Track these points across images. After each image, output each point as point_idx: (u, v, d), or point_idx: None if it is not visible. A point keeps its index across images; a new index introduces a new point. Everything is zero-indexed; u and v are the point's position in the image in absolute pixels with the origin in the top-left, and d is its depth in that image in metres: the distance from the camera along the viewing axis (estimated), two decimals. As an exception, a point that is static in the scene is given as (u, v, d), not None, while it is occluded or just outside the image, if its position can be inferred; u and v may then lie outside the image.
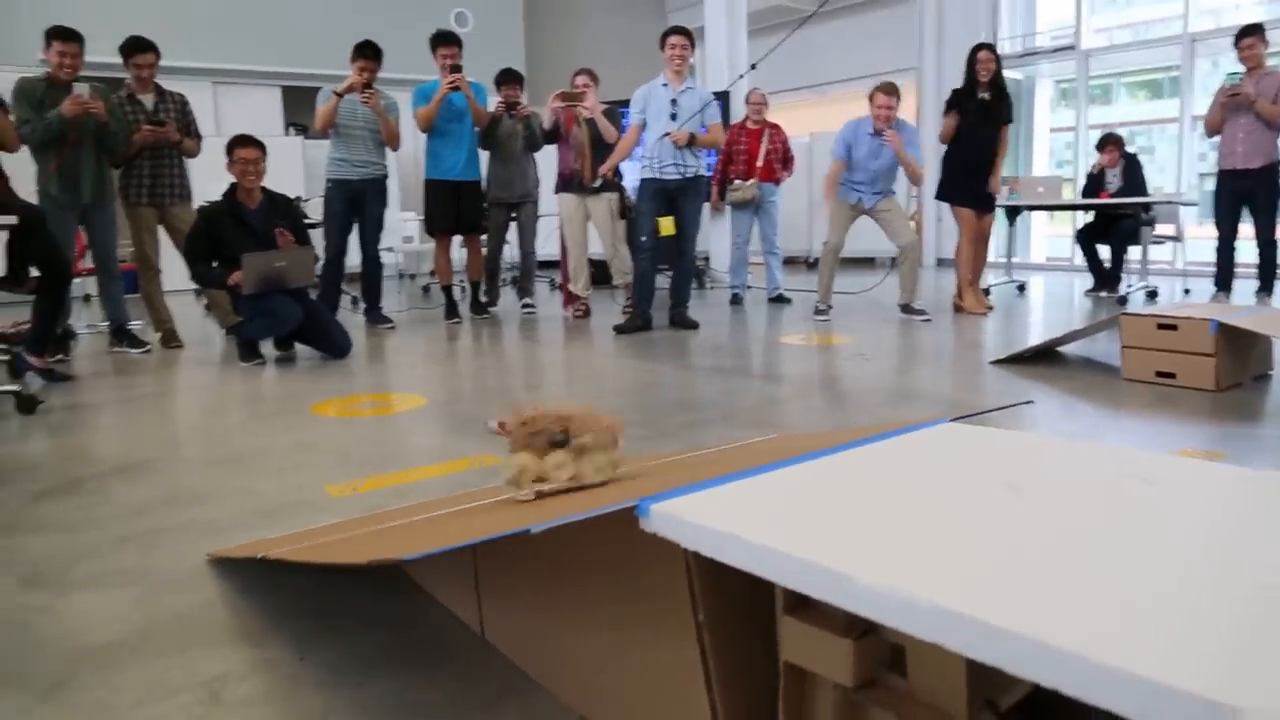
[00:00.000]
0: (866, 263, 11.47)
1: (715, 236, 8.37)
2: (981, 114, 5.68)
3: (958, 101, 5.78)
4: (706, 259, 8.59)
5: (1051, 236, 11.26)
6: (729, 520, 0.88)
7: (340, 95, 5.43)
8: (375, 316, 5.90)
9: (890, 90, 5.57)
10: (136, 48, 4.89)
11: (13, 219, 3.37)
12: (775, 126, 6.96)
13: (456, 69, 5.60)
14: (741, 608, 0.97)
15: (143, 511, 2.12)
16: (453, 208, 5.90)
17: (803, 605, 0.87)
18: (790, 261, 11.79)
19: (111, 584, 1.69)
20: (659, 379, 3.78)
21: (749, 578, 0.87)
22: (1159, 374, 3.51)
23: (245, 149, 4.44)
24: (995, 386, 3.48)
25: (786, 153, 7.05)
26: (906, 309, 5.75)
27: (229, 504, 2.18)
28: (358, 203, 5.64)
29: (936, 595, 0.66)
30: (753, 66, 5.32)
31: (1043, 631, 0.59)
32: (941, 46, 10.87)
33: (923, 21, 10.91)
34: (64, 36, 4.48)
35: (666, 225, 5.17)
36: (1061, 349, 4.31)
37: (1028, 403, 3.19)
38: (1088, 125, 10.15)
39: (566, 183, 6.02)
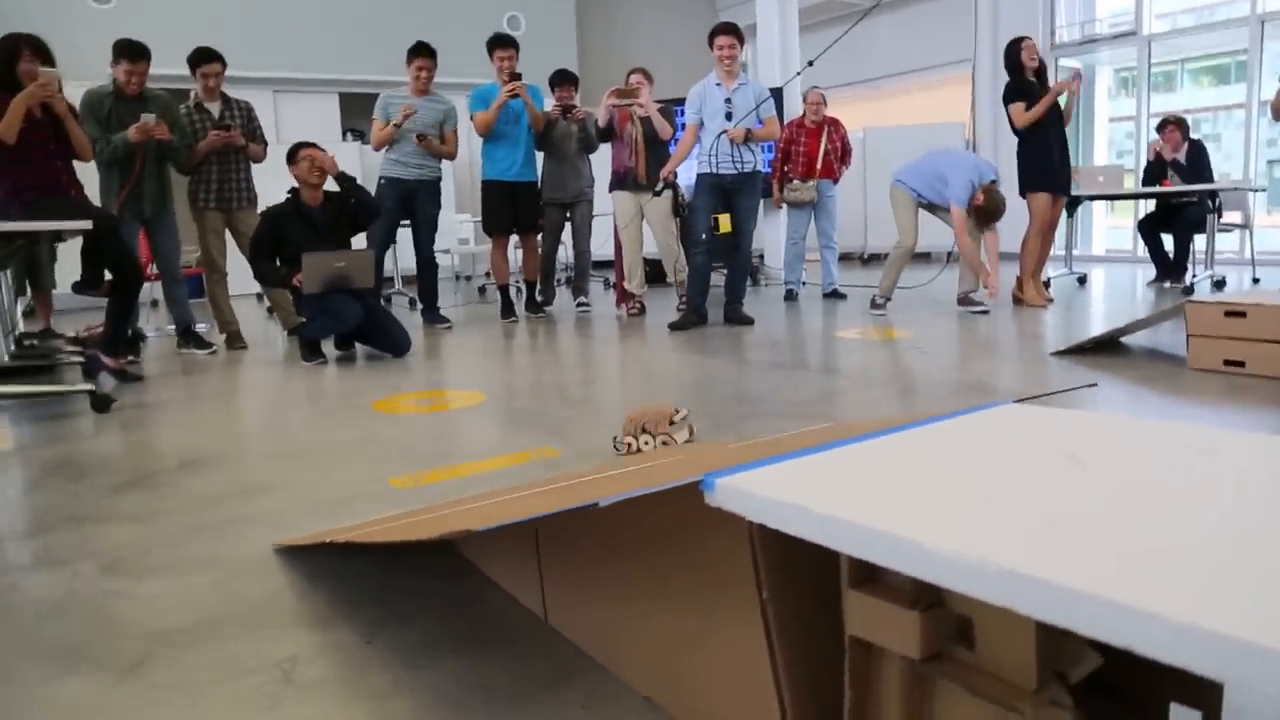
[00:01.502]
0: (922, 258, 11.33)
1: (770, 233, 8.33)
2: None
3: (1024, 89, 5.67)
4: (761, 256, 8.56)
5: (1112, 228, 11.00)
6: (795, 492, 0.88)
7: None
8: (433, 316, 5.98)
9: None
10: (203, 58, 5.03)
11: (87, 224, 3.48)
12: (834, 122, 6.91)
13: (516, 76, 5.66)
14: (806, 583, 0.97)
15: (213, 503, 2.18)
16: (509, 208, 5.96)
17: (868, 579, 0.86)
18: (845, 258, 11.68)
19: (185, 571, 1.74)
20: (715, 373, 3.78)
21: (813, 553, 0.88)
22: (1227, 362, 3.41)
23: (310, 149, 4.57)
24: (1057, 377, 3.41)
25: (845, 147, 7.01)
26: (964, 300, 5.67)
27: (295, 496, 2.23)
28: (409, 203, 5.72)
29: (1007, 559, 0.65)
30: (810, 63, 5.30)
31: (1117, 591, 0.58)
32: (998, 37, 10.64)
33: (977, 12, 10.72)
34: (132, 56, 4.58)
35: (724, 222, 5.15)
36: (1124, 340, 4.22)
37: (1091, 385, 3.13)
38: (1150, 114, 9.90)
39: (621, 180, 6.04)
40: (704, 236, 5.23)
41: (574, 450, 2.58)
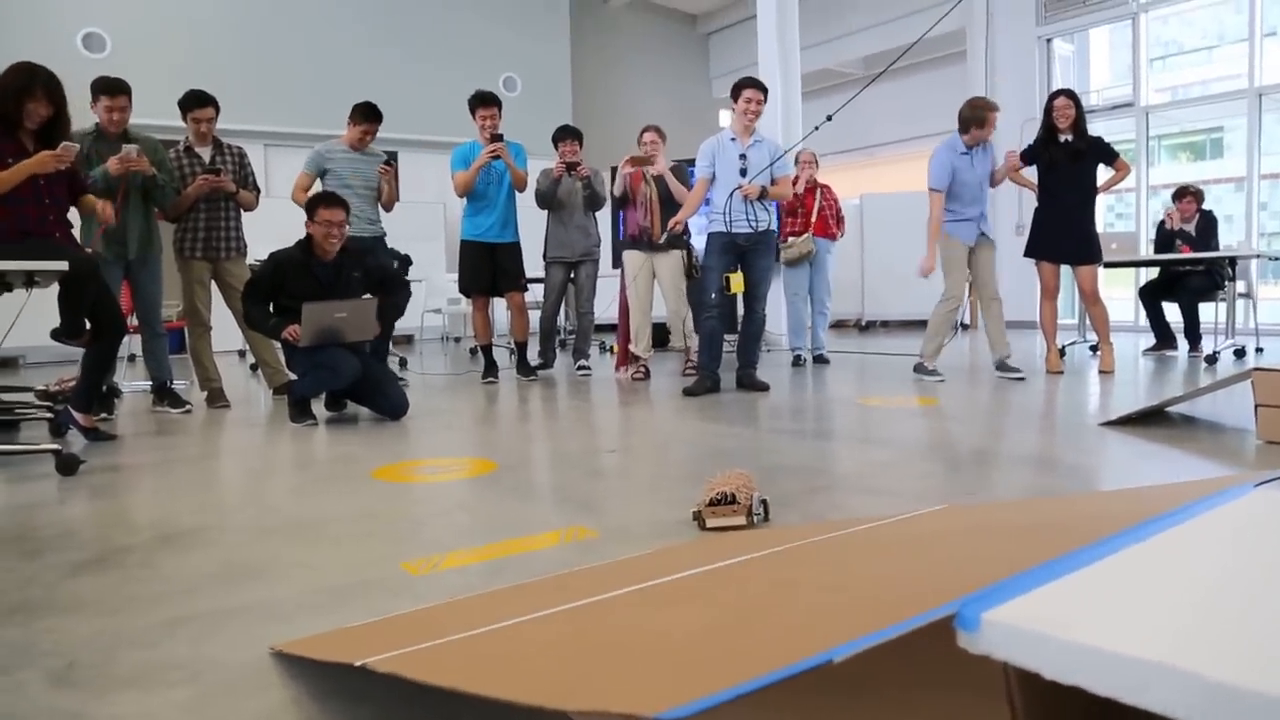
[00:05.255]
0: (918, 325, 11.14)
1: (771, 295, 8.10)
2: (1068, 158, 5.38)
3: (1034, 152, 5.51)
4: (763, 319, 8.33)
5: (1109, 300, 10.87)
6: (1109, 636, 0.58)
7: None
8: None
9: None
10: (196, 102, 4.78)
11: (63, 264, 3.16)
12: (826, 187, 6.84)
13: (498, 137, 5.45)
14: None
15: (193, 589, 1.84)
16: (487, 268, 5.68)
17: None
18: (840, 325, 11.50)
19: (158, 682, 1.39)
20: (746, 443, 3.47)
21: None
22: (1302, 433, 3.16)
23: (331, 210, 4.20)
24: (1117, 450, 3.13)
25: (838, 213, 6.89)
26: (1002, 366, 5.40)
27: (291, 582, 1.89)
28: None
29: None
30: (829, 118, 5.09)
31: None
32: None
33: (972, 82, 10.72)
34: (110, 91, 4.32)
35: (737, 282, 4.89)
36: (1168, 410, 3.96)
37: None
38: (1149, 184, 9.86)
39: (635, 241, 5.85)
40: (714, 297, 4.97)
41: (610, 529, 2.25)
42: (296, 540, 2.21)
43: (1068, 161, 5.37)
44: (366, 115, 5.39)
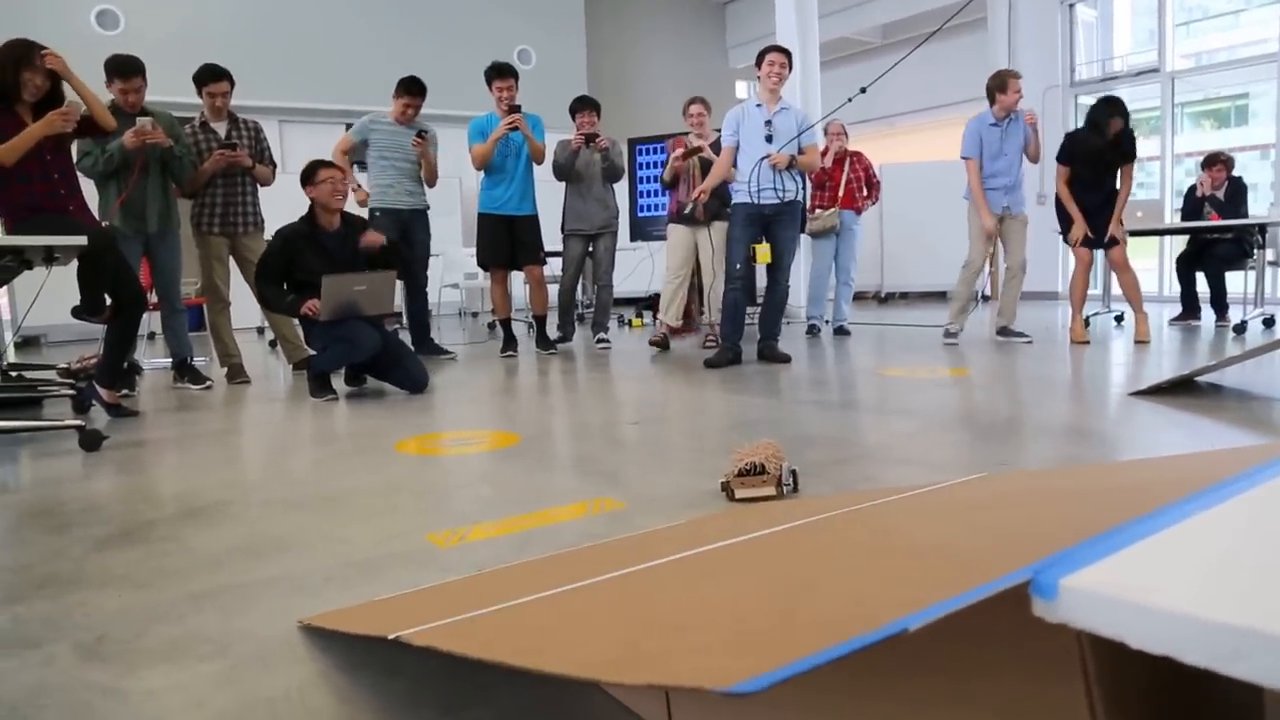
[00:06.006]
0: (938, 297, 11.04)
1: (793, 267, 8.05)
2: (1099, 162, 5.40)
3: (1071, 148, 5.48)
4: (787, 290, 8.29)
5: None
6: (1209, 603, 0.54)
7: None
8: (431, 347, 5.69)
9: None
10: (210, 76, 4.73)
11: (81, 239, 3.15)
12: (856, 154, 6.75)
13: (515, 108, 5.40)
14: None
15: (219, 563, 1.83)
16: (505, 241, 5.65)
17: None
18: (859, 297, 11.42)
19: (188, 655, 1.38)
20: (770, 414, 3.44)
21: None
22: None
23: (328, 169, 4.25)
24: (1147, 419, 3.08)
25: (870, 178, 6.80)
26: (1005, 331, 5.71)
27: (318, 554, 1.87)
28: (406, 233, 5.49)
29: None
30: (862, 90, 5.02)
31: None
32: (1016, 74, 10.49)
33: (993, 49, 10.54)
34: (125, 74, 4.26)
35: (763, 253, 4.84)
36: (1198, 380, 3.89)
37: None
38: (1174, 152, 9.69)
39: (678, 217, 5.87)
40: (739, 268, 4.92)
41: (637, 500, 2.23)
42: (321, 513, 2.19)
43: (1097, 163, 5.41)
44: (409, 89, 5.44)
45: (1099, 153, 5.37)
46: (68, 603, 1.62)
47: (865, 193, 6.76)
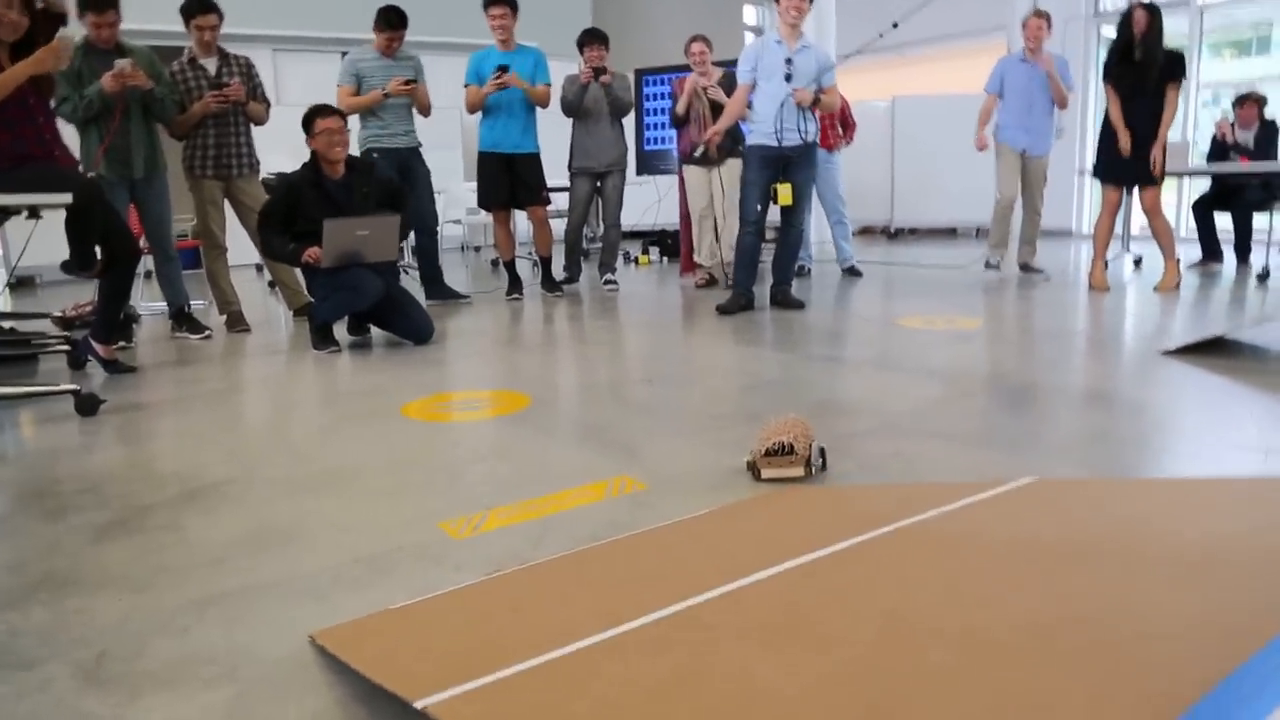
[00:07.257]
0: (948, 234, 10.85)
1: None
2: (1136, 77, 5.09)
3: (1111, 70, 5.21)
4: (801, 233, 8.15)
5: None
6: None
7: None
8: (443, 290, 5.53)
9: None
10: (198, 8, 4.50)
11: (66, 197, 2.99)
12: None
13: (503, 69, 5.18)
14: None
15: (221, 560, 1.74)
16: (505, 181, 5.47)
17: None
18: (867, 231, 11.24)
19: (192, 680, 1.29)
20: (786, 372, 3.33)
21: None
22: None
23: (327, 119, 4.04)
24: (1181, 383, 2.97)
25: (846, 118, 6.59)
26: (1026, 267, 6.04)
27: (324, 548, 1.78)
28: (405, 173, 5.23)
29: None
30: (895, 25, 4.81)
31: None
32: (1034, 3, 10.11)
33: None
34: (98, 7, 4.03)
35: (785, 194, 4.67)
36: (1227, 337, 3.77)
37: None
38: (1200, 85, 9.39)
39: (690, 157, 5.74)
40: (758, 209, 4.76)
41: (658, 479, 2.13)
42: (327, 495, 2.10)
43: (1136, 80, 5.08)
44: (389, 22, 5.14)
45: (1139, 71, 5.05)
46: (65, 609, 1.54)
47: (840, 131, 6.56)
